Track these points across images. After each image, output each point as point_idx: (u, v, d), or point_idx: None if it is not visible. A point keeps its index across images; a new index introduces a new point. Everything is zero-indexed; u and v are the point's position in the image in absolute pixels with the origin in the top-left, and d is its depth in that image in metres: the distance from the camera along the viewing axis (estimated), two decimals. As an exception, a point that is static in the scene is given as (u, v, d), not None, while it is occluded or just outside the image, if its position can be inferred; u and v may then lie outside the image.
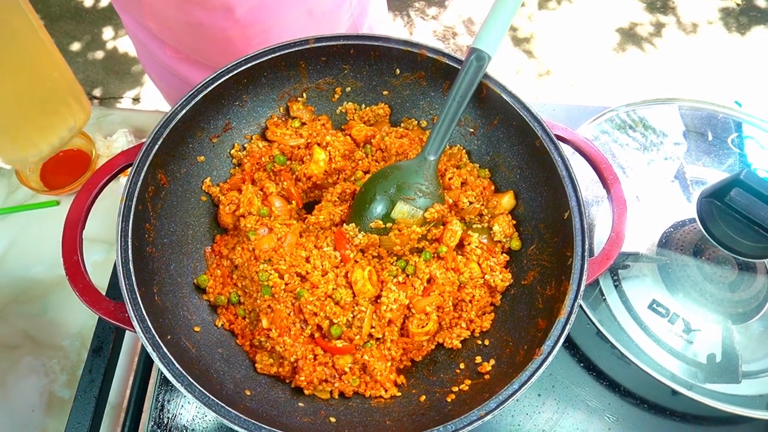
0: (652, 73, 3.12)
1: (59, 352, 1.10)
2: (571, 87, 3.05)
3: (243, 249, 0.85)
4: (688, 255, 1.01)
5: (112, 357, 0.92)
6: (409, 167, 0.85)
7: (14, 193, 1.25)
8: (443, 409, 0.73)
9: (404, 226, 0.83)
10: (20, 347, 1.10)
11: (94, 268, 1.16)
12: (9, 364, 1.08)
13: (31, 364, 1.08)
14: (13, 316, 1.13)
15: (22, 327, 1.12)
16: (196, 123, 0.87)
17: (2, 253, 1.18)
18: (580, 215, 0.79)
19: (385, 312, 0.80)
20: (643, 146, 1.22)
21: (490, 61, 0.86)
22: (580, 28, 3.30)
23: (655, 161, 1.20)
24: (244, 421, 0.64)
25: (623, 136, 1.22)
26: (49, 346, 1.10)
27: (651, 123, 1.25)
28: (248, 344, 0.82)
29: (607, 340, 0.91)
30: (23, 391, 1.06)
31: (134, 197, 0.75)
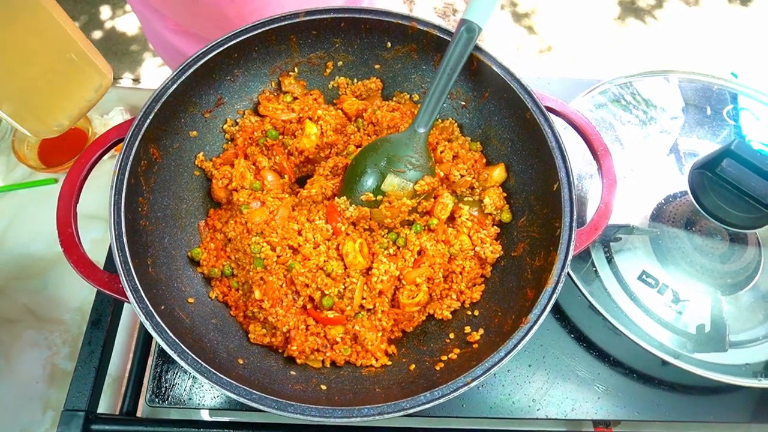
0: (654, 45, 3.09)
1: (61, 326, 1.12)
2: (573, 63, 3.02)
3: (236, 222, 0.86)
4: (680, 227, 1.01)
5: (111, 329, 0.94)
6: (399, 140, 0.85)
7: (12, 171, 1.26)
8: (432, 377, 0.75)
9: (395, 198, 0.83)
10: (22, 321, 1.12)
11: (93, 245, 1.18)
12: (12, 338, 1.10)
13: (34, 338, 1.10)
14: (14, 291, 1.15)
15: (23, 302, 1.14)
16: (188, 98, 0.87)
17: (2, 231, 1.20)
18: (569, 186, 0.79)
19: (375, 283, 0.81)
20: (639, 119, 1.22)
21: (481, 33, 0.86)
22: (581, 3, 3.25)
23: (651, 134, 1.19)
24: (235, 387, 0.65)
25: (619, 109, 1.22)
26: (50, 320, 1.12)
27: (646, 95, 1.24)
28: (241, 315, 0.84)
29: (598, 312, 0.93)
30: (26, 363, 1.08)
31: (126, 171, 0.76)
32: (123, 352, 1.10)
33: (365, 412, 0.65)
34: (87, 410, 0.86)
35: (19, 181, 1.25)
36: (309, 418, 0.64)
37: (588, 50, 3.06)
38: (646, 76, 1.24)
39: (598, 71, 2.90)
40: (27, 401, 1.05)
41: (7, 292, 1.15)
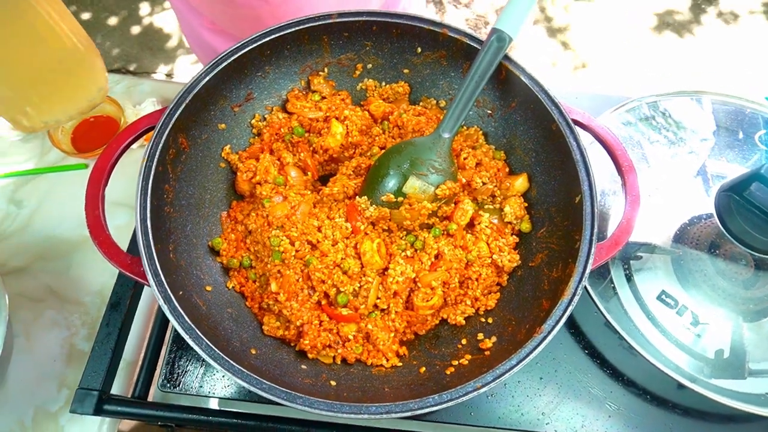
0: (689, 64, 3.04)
1: (80, 308, 1.14)
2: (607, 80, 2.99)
3: (257, 215, 0.87)
4: (703, 250, 0.99)
5: (129, 313, 0.95)
6: (424, 143, 0.86)
7: (46, 154, 1.30)
8: (441, 380, 0.75)
9: (415, 201, 0.84)
10: (44, 301, 1.15)
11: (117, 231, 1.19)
12: (33, 316, 1.13)
13: (54, 318, 1.13)
14: (38, 271, 1.18)
15: (46, 282, 1.17)
16: (219, 91, 0.89)
17: (32, 211, 1.24)
18: (591, 200, 0.79)
19: (391, 284, 0.82)
20: (668, 139, 1.20)
21: (512, 43, 0.86)
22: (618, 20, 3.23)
23: (679, 155, 1.18)
24: (247, 375, 0.66)
25: (648, 128, 1.21)
26: (71, 301, 1.15)
27: (677, 116, 1.23)
28: (257, 306, 0.85)
29: (615, 329, 0.91)
30: (46, 342, 1.11)
31: (155, 158, 0.78)
32: (138, 337, 1.11)
33: (373, 410, 0.65)
34: (101, 390, 0.88)
35: (51, 165, 1.28)
36: (317, 411, 0.64)
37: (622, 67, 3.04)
38: (676, 95, 1.23)
39: (631, 88, 2.87)
40: (44, 379, 1.07)
41: (32, 271, 1.18)
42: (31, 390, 1.06)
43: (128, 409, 0.89)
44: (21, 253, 1.19)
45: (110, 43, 3.21)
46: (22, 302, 1.14)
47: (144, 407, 0.90)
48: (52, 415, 1.04)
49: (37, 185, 1.27)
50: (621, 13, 3.25)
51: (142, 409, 0.90)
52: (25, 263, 1.18)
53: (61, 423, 1.03)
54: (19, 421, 1.03)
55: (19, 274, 1.17)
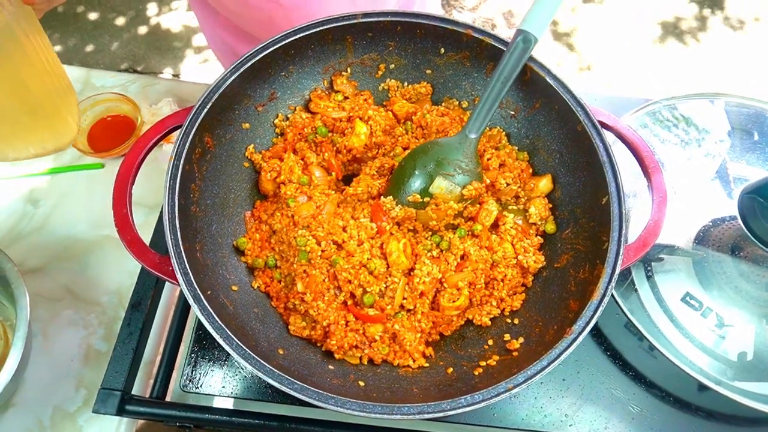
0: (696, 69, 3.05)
1: (97, 308, 1.14)
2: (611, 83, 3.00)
3: (282, 215, 0.87)
4: (726, 252, 0.99)
5: (150, 313, 0.95)
6: (450, 144, 0.85)
7: (63, 154, 1.29)
8: (470, 381, 0.74)
9: (441, 201, 0.84)
10: (61, 300, 1.15)
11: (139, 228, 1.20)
12: (51, 316, 1.13)
13: (71, 317, 1.13)
14: (55, 271, 1.18)
15: (63, 282, 1.16)
16: (243, 91, 0.89)
17: (49, 211, 1.23)
18: (618, 201, 0.79)
19: (417, 284, 0.82)
20: (684, 141, 1.20)
21: (536, 44, 0.86)
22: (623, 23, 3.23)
23: (695, 157, 1.18)
24: (278, 375, 0.66)
25: (664, 130, 1.21)
26: (88, 301, 1.15)
27: (693, 118, 1.23)
28: (282, 306, 0.84)
29: (636, 331, 0.91)
30: (63, 341, 1.10)
31: (182, 157, 0.78)
32: (155, 336, 1.11)
33: (405, 411, 0.65)
34: (123, 390, 0.88)
35: (68, 164, 1.28)
36: (349, 411, 0.64)
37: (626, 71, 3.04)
38: (692, 98, 1.23)
39: (635, 92, 2.87)
40: (62, 378, 1.07)
41: (49, 271, 1.17)
42: (49, 390, 1.06)
43: (150, 409, 0.89)
44: (38, 253, 1.19)
45: (117, 43, 3.22)
46: (40, 302, 1.14)
47: (165, 407, 0.90)
48: (71, 415, 1.03)
49: (54, 185, 1.27)
50: (628, 16, 3.26)
51: (163, 409, 0.90)
52: (43, 263, 1.18)
53: (80, 423, 1.02)
54: (38, 421, 1.03)
55: (37, 274, 1.17)
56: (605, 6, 3.31)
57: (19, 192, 1.25)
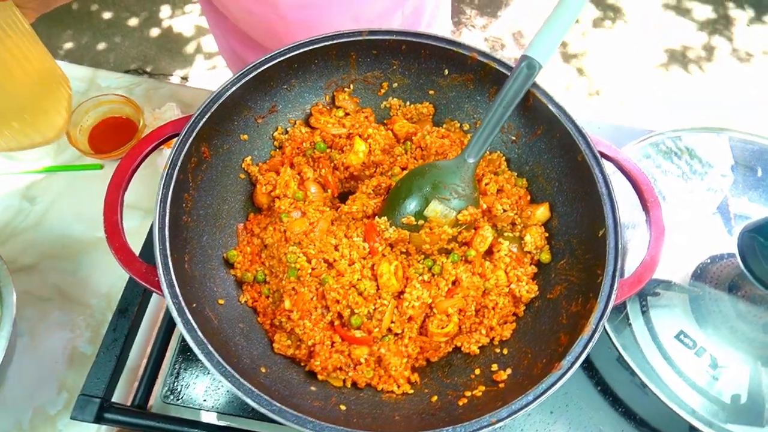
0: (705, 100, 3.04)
1: (86, 310, 1.13)
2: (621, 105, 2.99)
3: (274, 230, 0.86)
4: (723, 290, 0.98)
5: (136, 319, 0.94)
6: (447, 167, 0.85)
7: (63, 153, 1.30)
8: (454, 411, 0.73)
9: (436, 225, 0.83)
10: (51, 300, 1.14)
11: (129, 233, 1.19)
12: (40, 316, 1.12)
13: (59, 319, 1.12)
14: (48, 270, 1.17)
15: (54, 281, 1.15)
16: (243, 102, 0.89)
17: (45, 209, 1.23)
18: (615, 234, 0.78)
19: (406, 308, 0.80)
20: (686, 174, 1.19)
21: (541, 71, 0.86)
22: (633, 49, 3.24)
23: (697, 191, 1.17)
24: (257, 395, 0.65)
25: (667, 162, 1.20)
26: (77, 302, 1.14)
27: (697, 151, 1.22)
28: (268, 323, 0.83)
29: (628, 366, 0.90)
30: (49, 343, 1.09)
31: (177, 166, 0.77)
32: (141, 343, 1.10)
33: (385, 440, 0.63)
34: (103, 398, 0.86)
35: (67, 163, 1.28)
36: (327, 437, 0.63)
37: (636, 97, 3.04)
38: (697, 131, 1.22)
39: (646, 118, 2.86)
40: (44, 380, 1.05)
41: (40, 269, 1.17)
42: (31, 391, 1.04)
43: (129, 418, 0.87)
44: (31, 251, 1.18)
45: (129, 43, 3.24)
46: (29, 300, 1.13)
47: (145, 417, 0.89)
48: (51, 418, 1.02)
49: (52, 183, 1.27)
50: (639, 43, 3.27)
51: (142, 419, 0.88)
52: (35, 261, 1.17)
53: (59, 427, 1.01)
54: (17, 423, 1.02)
55: (28, 272, 1.16)
56: (615, 31, 3.32)
57: (16, 188, 1.25)
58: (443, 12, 1.40)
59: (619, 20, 3.36)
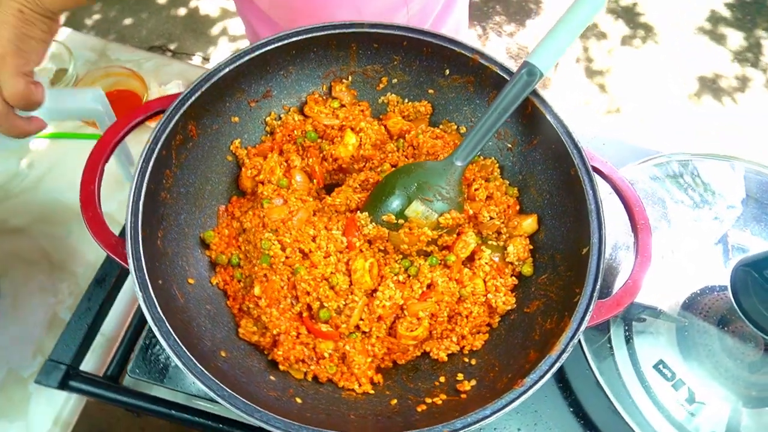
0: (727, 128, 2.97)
1: (71, 277, 1.14)
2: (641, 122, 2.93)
3: (254, 215, 0.85)
4: (712, 323, 0.94)
5: (112, 290, 0.94)
6: (434, 168, 0.83)
7: (65, 121, 1.30)
8: (410, 417, 0.71)
9: (416, 226, 0.81)
10: (38, 264, 1.14)
11: (120, 206, 1.20)
12: (24, 279, 1.13)
13: (43, 283, 1.12)
14: (37, 233, 1.18)
15: (43, 245, 1.16)
16: (237, 84, 0.88)
17: (41, 174, 1.24)
18: (598, 253, 0.75)
19: (377, 307, 0.79)
20: (693, 201, 1.15)
21: (542, 79, 0.83)
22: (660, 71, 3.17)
23: (702, 219, 1.13)
24: (209, 379, 0.64)
25: (674, 186, 1.16)
26: (63, 269, 1.14)
27: (708, 179, 1.18)
28: (237, 307, 0.82)
29: (604, 392, 0.87)
30: (31, 306, 1.10)
31: (160, 142, 0.77)
32: (122, 314, 1.10)
33: (331, 439, 0.61)
34: (69, 365, 0.86)
35: (68, 131, 1.29)
36: (272, 428, 0.61)
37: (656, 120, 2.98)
38: (709, 158, 1.18)
39: (662, 142, 2.81)
40: (21, 342, 1.06)
41: (30, 233, 1.17)
42: (8, 352, 1.05)
43: (93, 388, 0.87)
44: (23, 213, 1.19)
45: (155, 20, 3.27)
46: (15, 262, 1.14)
47: (109, 389, 0.88)
48: (23, 380, 1.02)
49: (51, 149, 1.27)
50: (665, 65, 3.20)
51: (106, 391, 0.88)
52: (26, 224, 1.18)
53: (30, 390, 1.01)
54: (-11, 380, 1.02)
55: (18, 234, 1.17)
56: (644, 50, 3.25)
57: (16, 151, 1.26)
58: (457, 17, 1.38)
59: (650, 40, 3.29)
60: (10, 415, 1.00)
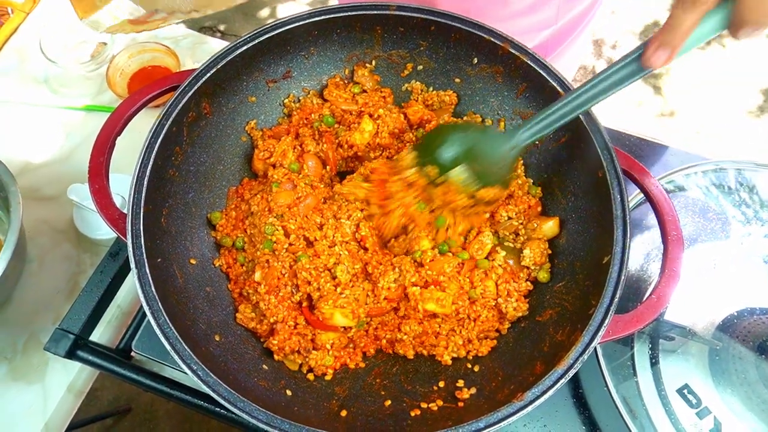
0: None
1: (96, 248, 1.16)
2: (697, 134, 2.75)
3: (262, 198, 0.83)
4: (750, 349, 0.86)
5: (125, 264, 0.94)
6: (494, 138, 0.76)
7: (102, 94, 1.33)
8: (402, 422, 0.68)
9: (453, 190, 0.75)
10: (65, 233, 1.17)
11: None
12: (51, 245, 1.16)
13: (68, 252, 1.15)
14: (67, 203, 1.20)
15: (72, 216, 1.19)
16: (256, 63, 0.86)
17: (76, 145, 1.27)
18: (620, 264, 0.69)
19: (381, 289, 0.75)
20: (745, 216, 1.06)
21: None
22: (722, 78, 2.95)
23: (753, 235, 1.03)
24: (195, 363, 0.62)
25: (723, 197, 1.06)
26: (88, 239, 1.16)
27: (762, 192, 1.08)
28: (238, 291, 0.81)
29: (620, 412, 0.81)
30: (55, 273, 1.12)
31: (171, 118, 0.76)
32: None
33: (312, 438, 0.59)
34: (78, 335, 0.87)
35: (103, 104, 1.31)
36: (253, 420, 0.59)
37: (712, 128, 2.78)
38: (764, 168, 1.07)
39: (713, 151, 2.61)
40: (43, 308, 1.09)
41: (61, 201, 1.20)
42: (30, 316, 1.08)
43: (98, 360, 0.88)
44: (56, 182, 1.22)
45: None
46: (44, 229, 1.17)
47: (113, 363, 0.89)
48: (42, 345, 1.05)
49: (88, 121, 1.30)
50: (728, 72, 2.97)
51: (111, 363, 0.88)
52: (57, 193, 1.21)
53: (48, 355, 1.04)
54: (12, 343, 1.05)
55: (49, 202, 1.20)
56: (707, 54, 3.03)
57: (54, 122, 1.29)
58: None
59: (716, 42, 3.07)
60: (29, 378, 1.03)
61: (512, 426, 0.63)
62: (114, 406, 2.06)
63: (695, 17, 0.57)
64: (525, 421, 0.82)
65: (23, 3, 1.41)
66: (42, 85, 1.34)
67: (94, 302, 0.90)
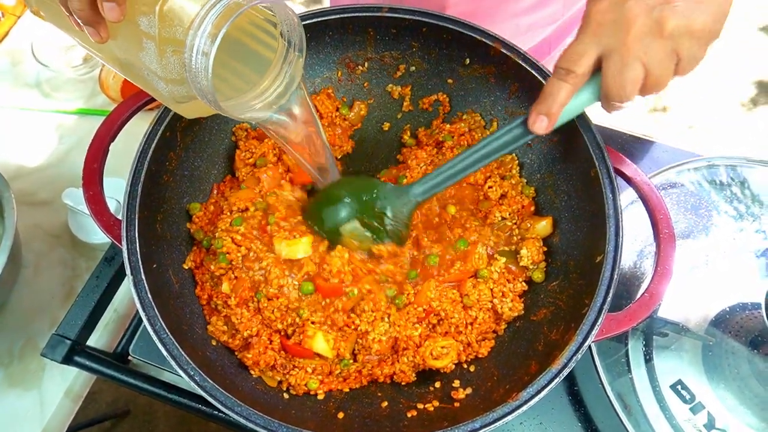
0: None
1: (91, 252, 1.15)
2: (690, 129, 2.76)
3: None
4: (743, 344, 0.87)
5: (121, 269, 0.94)
6: (388, 192, 0.77)
7: (95, 97, 1.32)
8: (399, 423, 0.68)
9: (349, 242, 0.76)
10: (60, 237, 1.17)
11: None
12: (47, 250, 1.15)
13: (63, 256, 1.15)
14: (62, 207, 1.20)
15: (66, 220, 1.18)
16: (247, 66, 0.86)
17: (69, 148, 1.26)
18: (613, 263, 0.69)
19: (372, 342, 0.74)
20: (737, 211, 1.06)
21: None
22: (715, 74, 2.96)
23: (745, 231, 1.04)
24: (192, 368, 0.63)
25: (715, 193, 1.07)
26: (83, 244, 1.16)
27: (755, 187, 1.08)
28: (205, 298, 0.78)
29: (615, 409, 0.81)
30: (50, 278, 1.12)
31: (164, 122, 0.76)
32: (133, 294, 1.11)
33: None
34: (74, 340, 0.88)
35: (97, 108, 1.31)
36: (251, 424, 0.60)
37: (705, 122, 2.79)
38: (758, 164, 1.07)
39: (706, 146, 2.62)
40: (40, 313, 1.09)
41: (55, 206, 1.20)
42: (27, 321, 1.08)
43: (96, 365, 0.88)
44: (50, 186, 1.22)
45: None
46: (39, 234, 1.17)
47: (111, 368, 0.89)
48: (39, 349, 1.05)
49: (81, 124, 1.29)
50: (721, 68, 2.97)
51: (108, 368, 0.88)
52: (51, 197, 1.21)
53: (45, 361, 1.03)
54: (9, 348, 1.05)
55: (43, 207, 1.20)
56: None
57: (47, 125, 1.29)
58: None
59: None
60: (26, 383, 1.03)
61: (508, 424, 0.64)
62: (112, 409, 2.06)
63: (569, 89, 0.61)
64: (521, 419, 0.83)
65: (14, 6, 1.40)
66: (34, 89, 1.33)
67: (90, 307, 0.90)
